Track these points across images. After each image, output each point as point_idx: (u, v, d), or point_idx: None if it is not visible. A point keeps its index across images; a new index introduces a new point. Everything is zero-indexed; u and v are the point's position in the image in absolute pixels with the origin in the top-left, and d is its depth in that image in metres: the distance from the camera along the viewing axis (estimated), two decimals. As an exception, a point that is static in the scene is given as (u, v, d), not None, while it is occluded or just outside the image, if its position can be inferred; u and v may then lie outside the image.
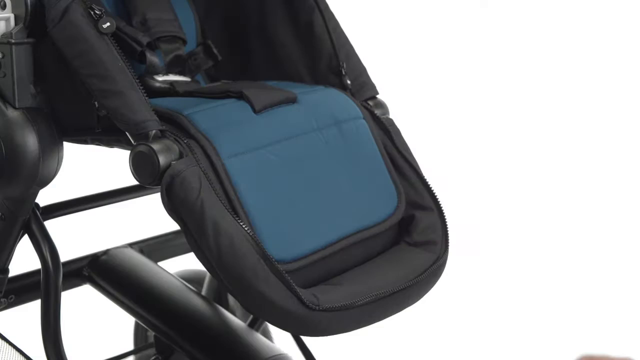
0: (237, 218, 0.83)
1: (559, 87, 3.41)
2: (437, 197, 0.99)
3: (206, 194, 0.82)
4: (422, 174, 1.01)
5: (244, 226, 0.83)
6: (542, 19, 3.72)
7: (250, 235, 0.82)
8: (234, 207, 0.84)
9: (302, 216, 0.89)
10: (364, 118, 1.01)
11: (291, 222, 0.88)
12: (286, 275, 0.82)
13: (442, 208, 0.98)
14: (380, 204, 0.96)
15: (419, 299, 0.93)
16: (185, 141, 0.85)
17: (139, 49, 0.99)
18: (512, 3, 3.79)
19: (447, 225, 0.98)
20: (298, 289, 0.81)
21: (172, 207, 0.83)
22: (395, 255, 0.96)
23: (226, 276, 0.82)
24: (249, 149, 0.88)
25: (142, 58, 1.00)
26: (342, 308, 0.84)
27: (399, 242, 0.98)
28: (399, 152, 1.01)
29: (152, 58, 1.02)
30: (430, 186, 1.00)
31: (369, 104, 1.05)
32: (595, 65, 3.51)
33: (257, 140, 0.90)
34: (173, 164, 0.83)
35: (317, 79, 1.08)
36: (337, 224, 0.92)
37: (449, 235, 0.97)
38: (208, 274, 1.40)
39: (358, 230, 0.93)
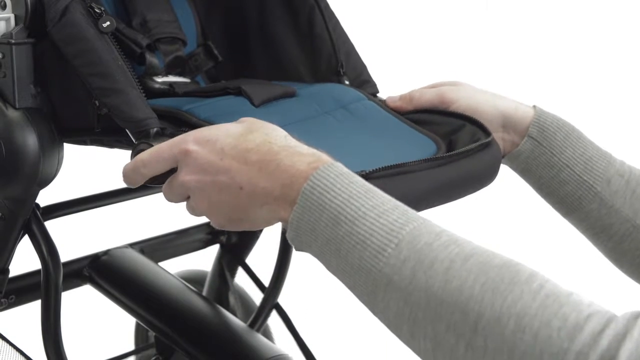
0: None
1: (559, 87, 3.41)
2: (461, 114, 0.94)
3: None
4: (433, 110, 0.97)
5: None
6: (542, 19, 3.72)
7: None
8: None
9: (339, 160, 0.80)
10: (368, 99, 0.99)
11: None
12: None
13: (472, 118, 0.93)
14: (420, 149, 0.91)
15: (479, 184, 0.87)
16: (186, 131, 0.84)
17: (138, 50, 0.98)
18: (512, 4, 3.79)
19: (484, 125, 0.92)
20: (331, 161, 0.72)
21: None
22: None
23: None
24: None
25: (141, 60, 1.00)
26: (389, 173, 0.76)
27: None
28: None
29: (152, 59, 1.02)
30: (450, 111, 0.95)
31: (369, 103, 1.05)
32: (595, 65, 3.51)
33: None
34: None
35: (318, 78, 1.08)
36: (384, 160, 0.83)
37: (489, 129, 0.91)
38: (208, 274, 1.40)
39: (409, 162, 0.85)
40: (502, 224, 2.56)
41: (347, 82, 1.05)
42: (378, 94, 1.07)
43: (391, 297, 0.64)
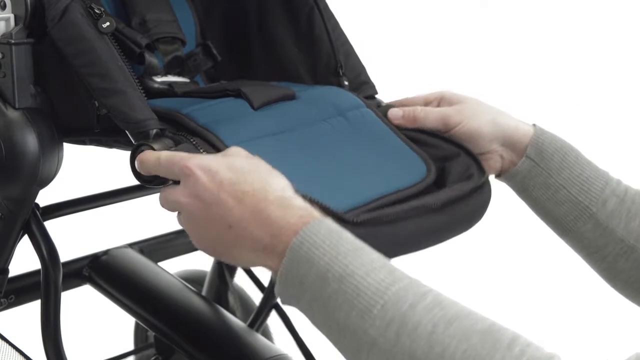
0: None
1: (559, 87, 3.40)
2: (456, 141, 0.95)
3: None
4: (434, 132, 0.97)
5: None
6: (541, 20, 3.72)
7: None
8: None
9: (327, 185, 0.84)
10: (366, 106, 1.00)
11: (318, 190, 0.80)
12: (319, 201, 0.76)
13: (469, 149, 0.94)
14: (409, 170, 0.91)
15: (466, 226, 0.88)
16: (185, 136, 0.84)
17: (137, 50, 0.98)
18: (512, 3, 3.79)
19: (478, 159, 0.93)
20: (328, 207, 0.76)
21: None
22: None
23: None
24: (254, 138, 0.86)
25: (140, 59, 1.00)
26: (381, 219, 0.77)
27: None
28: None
29: (151, 59, 1.02)
30: (448, 136, 0.96)
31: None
32: (594, 65, 3.51)
33: (260, 130, 0.88)
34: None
35: (317, 79, 1.08)
36: (370, 186, 0.86)
37: (483, 166, 0.93)
38: (208, 274, 1.40)
39: (394, 191, 0.87)
40: (502, 224, 2.56)
41: (346, 83, 1.05)
42: (377, 95, 1.07)
43: (375, 358, 0.65)
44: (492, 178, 0.98)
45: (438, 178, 0.92)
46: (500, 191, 1.01)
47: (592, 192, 0.94)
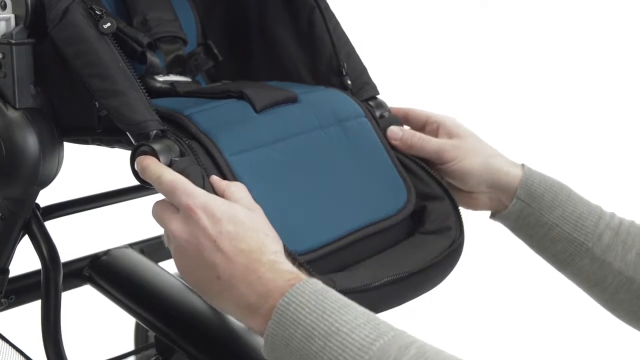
0: None
1: (558, 86, 3.41)
2: (446, 186, 0.98)
3: (209, 191, 0.82)
4: (425, 166, 1.00)
5: None
6: (541, 19, 3.72)
7: None
8: None
9: (311, 210, 0.88)
10: (365, 116, 1.01)
11: (300, 216, 0.87)
12: (300, 258, 0.81)
13: (453, 196, 0.97)
14: (390, 198, 0.95)
15: (438, 282, 0.92)
16: (186, 142, 0.85)
17: (139, 49, 0.98)
18: (511, 3, 3.79)
19: (459, 211, 0.97)
20: (314, 273, 0.80)
21: None
22: (410, 243, 0.95)
23: None
24: (252, 147, 0.88)
25: (142, 59, 1.00)
26: (359, 290, 0.82)
27: (413, 234, 0.97)
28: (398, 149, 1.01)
29: (153, 58, 1.02)
30: (437, 176, 0.99)
31: (369, 104, 1.05)
32: (594, 65, 3.51)
33: (259, 138, 0.89)
34: (174, 162, 0.82)
35: (318, 79, 1.08)
36: (348, 218, 0.90)
37: (463, 220, 0.96)
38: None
39: (370, 223, 0.92)
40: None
41: (349, 82, 1.05)
42: (378, 96, 1.07)
43: None
44: (486, 217, 1.03)
45: (415, 212, 0.96)
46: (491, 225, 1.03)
47: (586, 227, 0.96)
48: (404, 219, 0.95)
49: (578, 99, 3.32)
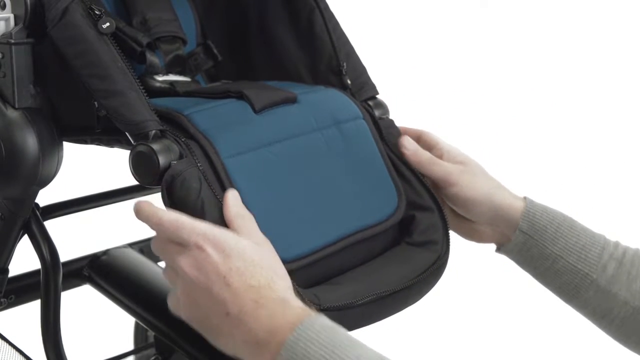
0: None
1: (559, 86, 3.41)
2: (437, 197, 0.99)
3: (206, 193, 0.82)
4: (419, 175, 1.01)
5: None
6: (541, 19, 3.72)
7: None
8: None
9: (302, 216, 0.89)
10: (363, 118, 1.01)
11: (291, 222, 0.88)
12: (288, 266, 0.82)
13: (443, 208, 0.99)
14: (380, 204, 0.96)
15: (420, 297, 0.93)
16: (184, 141, 0.85)
17: (138, 49, 0.98)
18: (512, 3, 3.79)
19: (447, 225, 0.98)
20: (299, 289, 0.82)
21: (174, 206, 0.83)
22: (396, 255, 0.96)
23: None
24: (249, 149, 0.88)
25: (141, 58, 1.00)
26: (343, 307, 0.84)
27: (400, 243, 0.98)
28: (394, 153, 1.02)
29: (152, 58, 1.02)
30: (429, 186, 1.00)
31: (369, 104, 1.05)
32: (594, 65, 3.51)
33: (257, 140, 0.90)
34: (173, 165, 0.83)
35: (317, 79, 1.08)
36: (337, 224, 0.92)
37: (450, 235, 0.97)
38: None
39: (358, 229, 0.93)
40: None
41: (348, 82, 1.06)
42: (378, 96, 1.07)
43: None
44: (492, 251, 1.03)
45: (404, 220, 0.97)
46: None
47: (590, 258, 0.95)
48: (392, 226, 0.96)
49: (578, 99, 3.32)
